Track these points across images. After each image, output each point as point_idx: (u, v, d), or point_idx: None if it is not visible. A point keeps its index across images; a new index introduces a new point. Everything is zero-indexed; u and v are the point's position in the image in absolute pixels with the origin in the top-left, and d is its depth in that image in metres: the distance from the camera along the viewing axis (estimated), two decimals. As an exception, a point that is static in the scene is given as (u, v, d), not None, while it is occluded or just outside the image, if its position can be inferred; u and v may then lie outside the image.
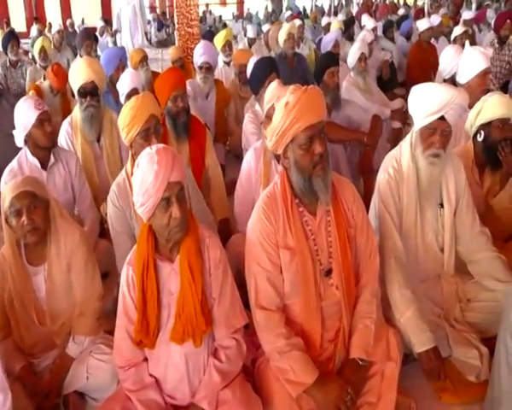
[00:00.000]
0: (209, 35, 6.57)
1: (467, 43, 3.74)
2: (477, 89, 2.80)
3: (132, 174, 1.54)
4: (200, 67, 3.79)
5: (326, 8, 16.37)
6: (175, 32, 6.68)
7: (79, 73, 2.73)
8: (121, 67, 3.76)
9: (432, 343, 1.69)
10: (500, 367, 1.44)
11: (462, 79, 2.92)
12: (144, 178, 1.38)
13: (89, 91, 2.70)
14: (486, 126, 2.27)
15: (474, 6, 10.83)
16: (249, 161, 2.39)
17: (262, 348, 1.59)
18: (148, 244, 1.47)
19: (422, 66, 5.51)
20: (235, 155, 3.80)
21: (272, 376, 1.54)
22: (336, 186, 1.64)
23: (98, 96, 2.76)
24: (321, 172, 1.51)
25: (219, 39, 5.03)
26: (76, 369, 1.72)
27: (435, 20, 6.62)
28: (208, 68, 3.77)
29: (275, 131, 1.52)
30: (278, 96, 2.20)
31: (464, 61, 2.91)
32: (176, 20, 6.26)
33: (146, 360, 1.54)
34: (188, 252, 1.46)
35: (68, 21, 11.02)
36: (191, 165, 2.61)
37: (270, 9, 15.51)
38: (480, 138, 2.31)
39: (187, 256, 1.46)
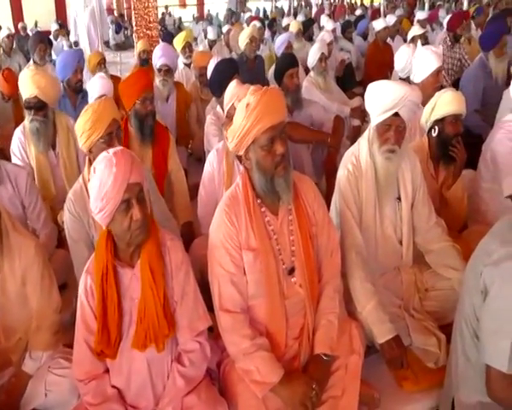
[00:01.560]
0: (169, 37, 6.49)
1: (419, 43, 3.88)
2: (431, 87, 2.90)
3: (89, 181, 1.50)
4: (159, 70, 3.74)
5: (286, 10, 16.55)
6: (133, 35, 6.59)
7: (24, 85, 2.61)
8: (79, 69, 3.66)
9: (393, 333, 1.74)
10: (457, 353, 1.50)
11: (416, 78, 3.02)
12: (103, 182, 1.35)
13: (33, 106, 2.58)
14: (440, 122, 2.36)
15: (426, 6, 11.22)
16: (212, 162, 2.38)
17: (227, 350, 1.58)
18: (107, 251, 1.43)
19: (379, 65, 5.65)
20: (197, 158, 3.77)
21: (237, 378, 1.54)
22: (297, 185, 1.66)
23: (44, 110, 2.62)
24: (283, 172, 1.53)
25: (179, 41, 4.98)
26: (34, 386, 1.65)
27: (391, 19, 6.82)
28: (167, 71, 3.72)
29: (236, 132, 1.52)
30: (238, 96, 2.22)
31: (417, 60, 3.01)
32: (134, 23, 6.14)
33: (107, 371, 1.50)
34: (149, 255, 1.44)
35: (20, 25, 10.63)
36: (154, 169, 2.58)
37: (233, 9, 15.46)
38: (434, 134, 2.39)
39: (148, 259, 1.43)
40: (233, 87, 2.36)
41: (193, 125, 3.92)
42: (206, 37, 7.72)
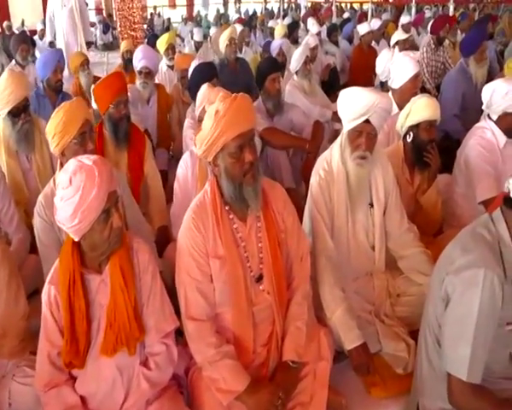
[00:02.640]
0: (154, 39, 6.46)
1: (396, 49, 3.90)
2: (409, 92, 2.91)
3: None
4: (140, 72, 3.71)
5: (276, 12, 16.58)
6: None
7: (14, 92, 2.48)
8: (59, 69, 3.62)
9: (360, 340, 1.75)
10: (421, 360, 1.51)
11: (394, 84, 3.04)
12: (85, 194, 1.30)
13: (22, 109, 2.51)
14: (415, 128, 2.38)
15: (413, 10, 11.32)
16: (186, 163, 2.37)
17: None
18: (73, 259, 1.41)
19: (363, 68, 5.70)
20: (178, 160, 3.73)
21: (204, 386, 1.53)
22: (267, 191, 1.65)
23: (29, 109, 2.59)
24: (251, 180, 1.52)
25: (162, 43, 4.96)
26: (-3, 395, 1.62)
27: (375, 24, 6.88)
28: (148, 73, 3.70)
29: (204, 139, 1.51)
30: (209, 99, 2.21)
31: (395, 66, 3.03)
32: (118, 24, 6.11)
33: (70, 378, 1.48)
34: (120, 259, 1.43)
35: (5, 23, 10.49)
36: (129, 173, 2.55)
37: (205, 10, 15.41)
38: (409, 139, 2.41)
39: (119, 263, 1.42)
40: (204, 90, 2.35)
41: (174, 128, 3.90)
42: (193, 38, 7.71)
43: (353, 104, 1.89)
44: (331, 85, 5.45)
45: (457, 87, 3.86)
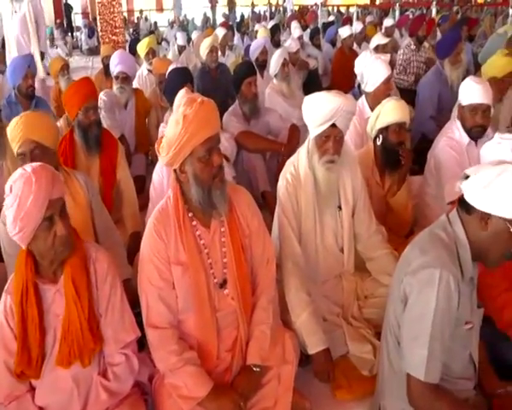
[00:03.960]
0: (135, 43, 6.44)
1: (368, 52, 3.93)
2: (382, 95, 2.94)
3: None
4: (117, 77, 3.70)
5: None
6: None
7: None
8: (30, 75, 3.58)
9: (323, 345, 1.76)
10: (383, 361, 1.52)
11: (367, 87, 3.07)
12: (22, 201, 1.30)
13: None
14: (384, 130, 2.40)
15: (397, 13, 11.44)
16: (162, 168, 2.37)
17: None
18: (26, 269, 1.40)
19: (345, 72, 5.70)
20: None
21: (165, 393, 1.53)
22: (231, 196, 1.65)
23: None
24: (220, 183, 1.53)
25: (142, 47, 4.96)
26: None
27: (357, 27, 6.92)
28: (125, 78, 3.68)
29: (172, 145, 1.49)
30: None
31: (368, 70, 3.05)
32: (99, 28, 6.09)
33: (31, 390, 1.47)
34: (72, 269, 1.41)
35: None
36: (102, 179, 2.54)
37: (178, 14, 15.36)
38: (379, 142, 2.44)
39: (71, 274, 1.41)
40: (181, 96, 2.35)
41: (152, 132, 3.88)
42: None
43: (319, 110, 1.90)
44: (312, 88, 5.47)
45: (433, 89, 3.91)
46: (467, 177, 1.34)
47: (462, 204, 1.37)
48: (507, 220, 1.28)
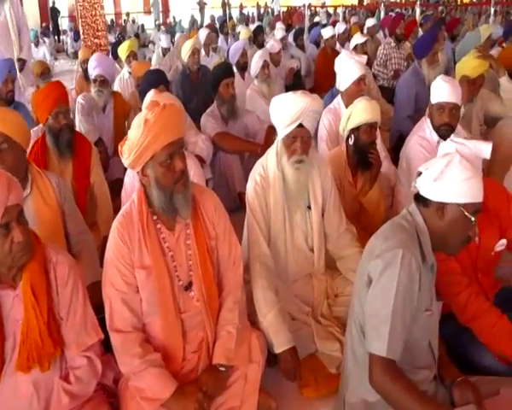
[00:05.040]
0: (117, 46, 6.43)
1: (343, 51, 3.97)
2: (354, 95, 2.95)
3: None
4: (95, 80, 3.69)
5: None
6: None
7: None
8: (10, 79, 3.55)
9: (289, 344, 1.77)
10: (347, 354, 1.55)
11: (341, 86, 3.10)
12: None
13: None
14: (356, 130, 2.43)
15: (382, 13, 11.51)
16: (132, 173, 2.37)
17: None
18: None
19: (328, 72, 5.71)
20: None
21: (129, 395, 1.53)
22: (197, 198, 1.66)
23: None
24: (182, 188, 1.53)
25: (123, 50, 4.95)
26: None
27: (341, 27, 6.97)
28: (103, 81, 3.67)
29: (133, 148, 1.50)
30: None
31: (341, 69, 3.08)
32: (81, 31, 6.06)
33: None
34: (31, 274, 1.40)
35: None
36: (75, 183, 2.53)
37: (156, 16, 15.31)
38: (350, 142, 2.46)
39: (30, 279, 1.40)
40: (150, 97, 2.36)
41: (132, 136, 3.87)
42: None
43: (286, 111, 1.92)
44: (296, 89, 5.49)
45: (410, 89, 3.95)
46: (420, 174, 1.42)
47: (419, 199, 1.45)
48: (461, 205, 1.36)
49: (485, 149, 1.54)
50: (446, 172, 1.35)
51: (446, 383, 1.52)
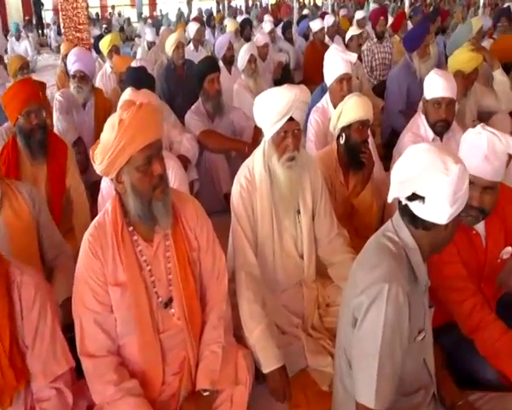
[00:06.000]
0: (101, 40, 6.22)
1: (333, 46, 3.83)
2: (337, 94, 2.80)
3: None
4: (74, 76, 3.50)
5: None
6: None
7: None
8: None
9: (278, 363, 1.66)
10: (337, 383, 1.43)
11: (327, 81, 2.96)
12: None
13: None
14: (347, 129, 2.30)
15: (371, 6, 11.38)
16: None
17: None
18: None
19: (317, 65, 5.56)
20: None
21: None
22: (177, 206, 1.53)
23: None
24: (161, 195, 1.40)
25: (105, 44, 4.76)
26: None
27: (329, 20, 6.83)
28: (82, 77, 3.49)
29: (107, 152, 1.36)
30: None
31: (326, 65, 2.94)
32: (62, 25, 5.83)
33: None
34: None
35: None
36: (50, 187, 2.37)
37: (139, 10, 15.02)
38: (342, 141, 2.34)
39: None
40: (127, 95, 2.21)
41: (114, 134, 3.71)
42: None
43: (273, 106, 1.79)
44: (284, 83, 5.36)
45: (402, 83, 3.84)
46: (414, 197, 1.23)
47: (403, 210, 1.28)
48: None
49: None
50: (423, 176, 1.19)
51: (446, 404, 1.41)
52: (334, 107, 2.80)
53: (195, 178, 2.95)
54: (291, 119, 1.78)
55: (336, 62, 2.80)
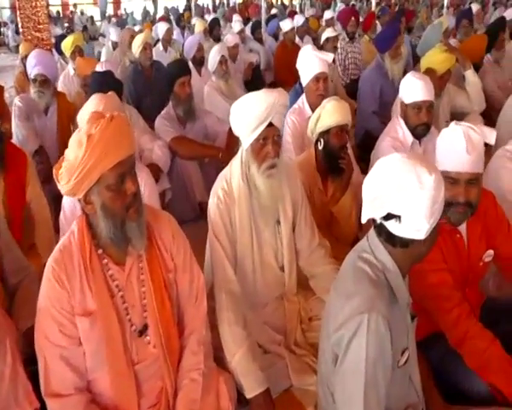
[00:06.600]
0: (63, 40, 5.94)
1: (309, 46, 3.78)
2: (313, 94, 2.78)
3: None
4: (34, 80, 3.28)
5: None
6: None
7: None
8: None
9: (261, 388, 1.57)
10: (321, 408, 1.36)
11: (303, 81, 2.90)
12: None
13: None
14: (326, 134, 2.24)
15: (338, 5, 11.45)
16: None
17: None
18: None
19: (288, 66, 5.52)
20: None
21: None
22: (152, 224, 1.41)
23: None
24: (135, 215, 1.29)
25: (67, 45, 4.54)
26: None
27: (299, 20, 6.79)
28: (44, 81, 3.28)
29: (75, 171, 1.22)
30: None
31: (301, 64, 2.89)
32: (20, 24, 5.52)
33: None
34: None
35: None
36: (8, 201, 2.17)
37: (103, 8, 14.66)
38: (320, 146, 2.27)
39: None
40: (92, 106, 2.03)
41: (79, 140, 3.51)
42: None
43: (252, 112, 1.69)
44: (255, 85, 5.27)
45: (374, 84, 3.83)
46: (389, 217, 1.18)
47: (379, 228, 1.22)
48: None
49: (489, 134, 1.45)
50: (394, 195, 1.13)
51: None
52: (311, 106, 2.76)
53: (168, 187, 2.82)
54: (270, 124, 1.69)
55: (312, 61, 2.75)
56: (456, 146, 1.50)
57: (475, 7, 6.89)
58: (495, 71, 4.03)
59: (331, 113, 2.21)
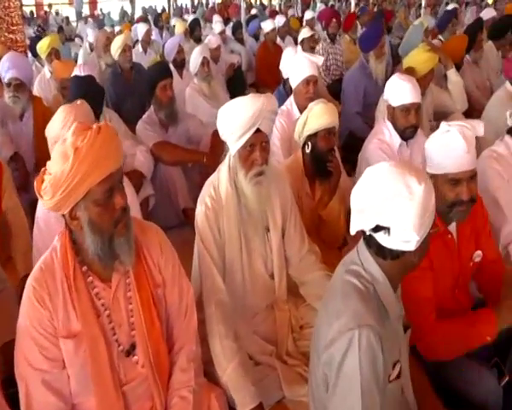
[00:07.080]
0: (37, 41, 5.76)
1: (299, 47, 3.76)
2: (302, 96, 2.77)
3: None
4: (8, 84, 3.15)
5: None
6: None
7: None
8: None
9: (254, 402, 1.52)
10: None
11: (292, 83, 2.87)
12: None
13: None
14: (313, 137, 2.20)
15: (318, 5, 11.47)
16: None
17: None
18: None
19: (270, 67, 5.52)
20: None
21: None
22: (139, 237, 1.35)
23: None
24: (124, 229, 1.23)
25: (43, 47, 4.40)
26: None
27: (280, 20, 6.76)
28: (19, 85, 3.15)
29: (60, 187, 1.14)
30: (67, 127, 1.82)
31: (290, 67, 2.85)
32: (-8, 25, 5.32)
33: None
34: None
35: None
36: (-18, 212, 2.08)
37: (79, 9, 14.38)
38: (307, 150, 2.23)
39: None
40: (59, 117, 1.93)
41: (57, 146, 3.40)
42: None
43: (239, 117, 1.64)
44: (237, 86, 5.22)
45: (358, 84, 3.82)
46: (378, 228, 1.15)
47: (368, 240, 1.19)
48: None
49: (478, 126, 1.47)
50: (385, 205, 1.11)
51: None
52: (299, 108, 2.73)
53: (151, 193, 2.74)
54: (258, 130, 1.64)
55: (302, 64, 2.73)
56: (456, 147, 1.49)
57: (453, 6, 6.97)
58: (474, 71, 4.08)
59: (318, 116, 2.18)
